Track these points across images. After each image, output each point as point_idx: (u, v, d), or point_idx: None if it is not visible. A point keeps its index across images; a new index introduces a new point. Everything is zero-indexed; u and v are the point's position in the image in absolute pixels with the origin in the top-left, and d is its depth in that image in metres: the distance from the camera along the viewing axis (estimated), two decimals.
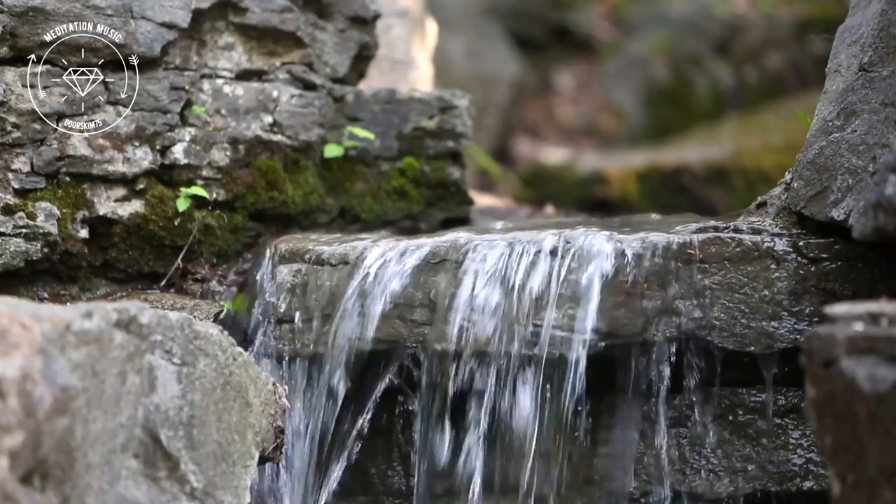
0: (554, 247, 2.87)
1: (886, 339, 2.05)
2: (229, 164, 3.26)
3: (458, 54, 7.14)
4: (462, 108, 3.50)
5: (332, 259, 2.99)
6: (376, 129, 3.45)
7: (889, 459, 2.00)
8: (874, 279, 2.82)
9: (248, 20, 3.30)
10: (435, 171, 3.48)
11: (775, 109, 6.74)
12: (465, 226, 3.40)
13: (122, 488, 2.30)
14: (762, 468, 2.84)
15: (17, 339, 2.05)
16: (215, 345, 2.49)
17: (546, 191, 6.22)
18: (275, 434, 2.59)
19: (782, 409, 2.86)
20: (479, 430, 2.86)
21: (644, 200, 6.10)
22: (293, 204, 3.33)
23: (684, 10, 8.15)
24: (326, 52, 3.43)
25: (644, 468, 2.87)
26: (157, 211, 3.18)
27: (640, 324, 2.83)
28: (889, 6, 2.86)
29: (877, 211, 2.43)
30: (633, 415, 2.87)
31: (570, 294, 2.83)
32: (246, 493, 2.50)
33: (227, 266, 3.27)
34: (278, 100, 3.33)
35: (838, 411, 2.07)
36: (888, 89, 2.81)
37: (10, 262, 3.00)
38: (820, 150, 2.90)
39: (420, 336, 2.89)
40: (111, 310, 2.29)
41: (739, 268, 2.84)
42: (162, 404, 2.38)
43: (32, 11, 3.03)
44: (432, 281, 2.90)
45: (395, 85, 3.93)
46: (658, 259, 2.84)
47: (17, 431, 2.01)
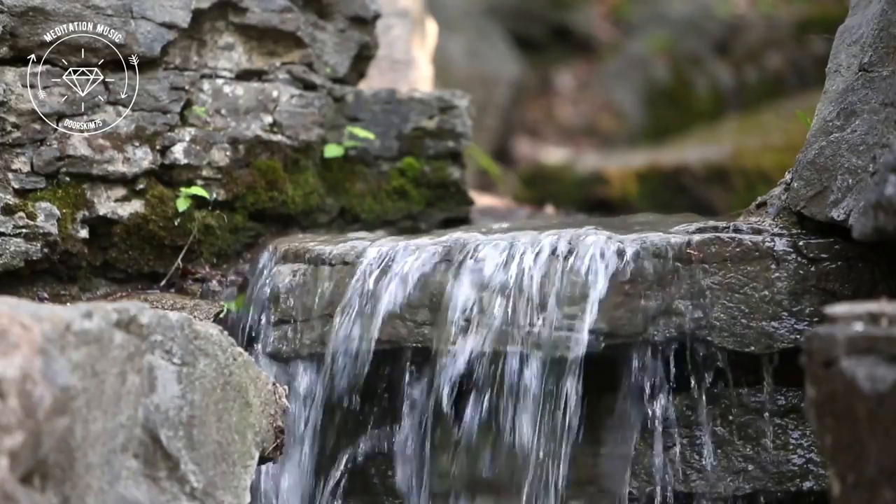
0: (554, 247, 2.87)
1: (886, 339, 2.05)
2: (229, 164, 3.26)
3: (458, 54, 7.14)
4: (462, 108, 3.50)
5: (332, 259, 2.99)
6: (376, 129, 3.45)
7: (889, 459, 2.00)
8: (874, 279, 2.82)
9: (248, 20, 3.30)
10: (435, 171, 3.48)
11: (775, 109, 6.74)
12: (465, 226, 3.40)
13: (122, 488, 2.30)
14: (762, 468, 2.84)
15: (17, 339, 2.05)
16: (215, 345, 2.49)
17: (546, 191, 6.22)
18: (275, 434, 2.59)
19: (782, 409, 2.86)
20: (479, 429, 2.86)
21: (644, 200, 6.10)
22: (293, 204, 3.33)
23: (684, 10, 8.15)
24: (326, 52, 3.43)
25: (644, 468, 2.87)
26: (157, 211, 3.18)
27: (639, 324, 2.83)
28: (889, 6, 2.86)
29: (877, 211, 2.43)
30: (632, 415, 2.87)
31: (569, 294, 2.83)
32: (246, 493, 2.50)
33: (227, 266, 3.27)
34: (278, 100, 3.33)
35: (838, 411, 2.07)
36: (888, 89, 2.81)
37: (10, 262, 3.00)
38: (820, 150, 2.90)
39: (421, 336, 2.89)
40: (111, 310, 2.29)
41: (739, 268, 2.84)
42: (162, 404, 2.38)
43: (32, 11, 3.03)
44: (433, 281, 2.90)
45: (395, 85, 3.93)
46: (658, 259, 2.84)
47: (17, 431, 2.00)
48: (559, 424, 2.83)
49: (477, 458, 2.87)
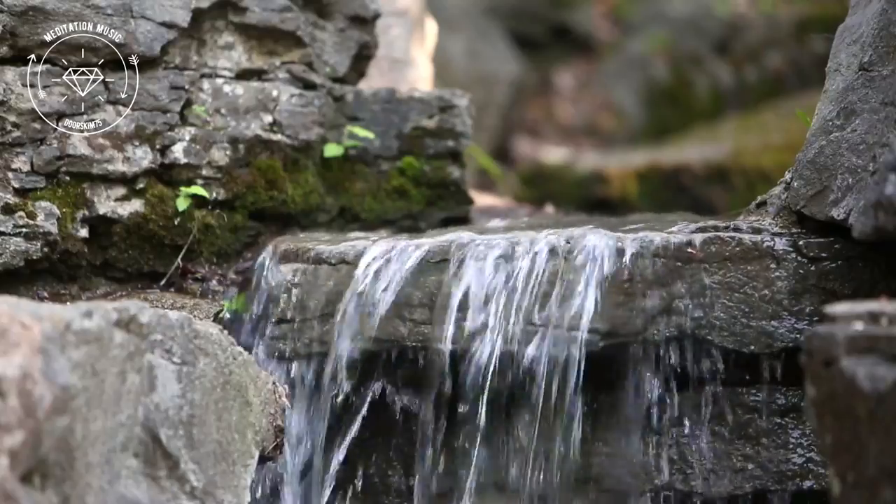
0: (554, 246, 2.87)
1: (886, 338, 2.05)
2: (229, 163, 3.26)
3: (458, 54, 7.14)
4: (462, 107, 3.50)
5: (332, 258, 3.00)
6: (376, 129, 3.45)
7: (889, 459, 2.00)
8: (874, 278, 2.82)
9: (248, 20, 3.30)
10: (435, 171, 3.48)
11: (775, 109, 6.74)
12: (465, 225, 3.40)
13: (122, 487, 2.30)
14: (762, 467, 2.85)
15: (17, 338, 2.05)
16: (215, 344, 2.49)
17: (546, 190, 6.22)
18: (275, 433, 2.59)
19: (782, 408, 2.86)
20: (479, 429, 2.86)
21: (644, 200, 6.10)
22: (293, 203, 3.33)
23: (684, 9, 8.15)
24: (326, 52, 3.44)
25: (644, 467, 2.87)
26: (156, 210, 3.18)
27: (639, 323, 2.83)
28: (889, 5, 2.86)
29: (877, 210, 2.43)
30: (632, 414, 2.87)
31: (569, 293, 2.83)
32: (246, 492, 2.50)
33: (227, 265, 3.27)
34: (278, 99, 3.33)
35: (838, 411, 2.07)
36: (888, 88, 2.81)
37: (10, 262, 3.00)
38: (820, 149, 2.90)
39: (420, 335, 2.89)
40: (111, 309, 2.29)
41: (739, 267, 2.84)
42: (162, 403, 2.38)
43: (32, 11, 3.03)
44: (432, 280, 2.90)
45: (395, 84, 3.93)
46: (658, 258, 2.84)
47: (17, 431, 2.01)
48: (559, 424, 2.83)
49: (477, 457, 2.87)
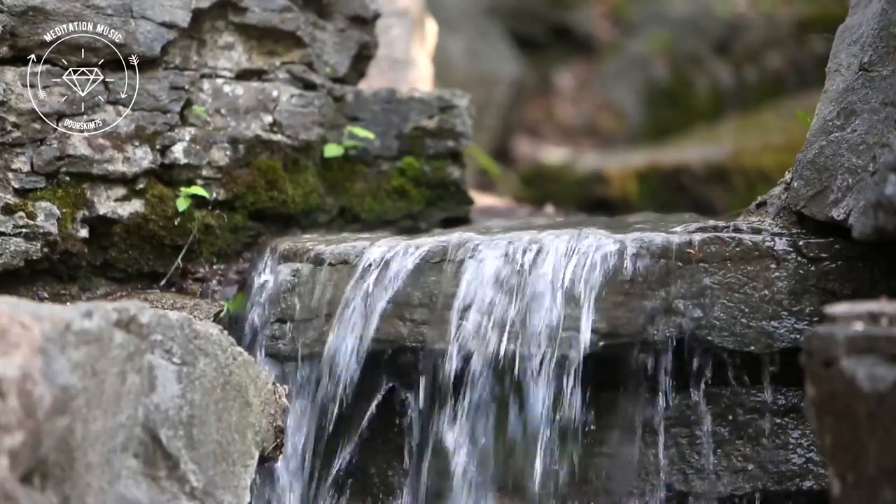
0: (554, 246, 2.87)
1: (886, 338, 2.05)
2: (229, 163, 3.26)
3: (458, 54, 7.14)
4: (462, 107, 3.50)
5: (332, 259, 3.00)
6: (376, 129, 3.45)
7: (889, 459, 2.00)
8: (874, 279, 2.82)
9: (248, 20, 3.30)
10: (435, 171, 3.48)
11: (775, 109, 6.74)
12: (465, 225, 3.40)
13: (122, 488, 2.30)
14: (762, 467, 2.85)
15: (17, 338, 2.05)
16: (215, 344, 2.49)
17: (546, 190, 6.23)
18: (275, 433, 2.59)
19: (782, 408, 2.86)
20: (479, 428, 2.86)
21: (644, 200, 6.10)
22: (293, 203, 3.33)
23: (684, 9, 8.15)
24: (326, 52, 3.44)
25: (644, 467, 2.87)
26: (156, 210, 3.18)
27: (640, 323, 2.83)
28: (889, 5, 2.86)
29: (877, 210, 2.43)
30: (633, 414, 2.87)
31: (569, 293, 2.83)
32: (246, 492, 2.50)
33: (226, 266, 3.27)
34: (278, 99, 3.33)
35: (838, 411, 2.07)
36: (888, 89, 2.81)
37: (10, 262, 3.00)
38: (820, 149, 2.90)
39: (420, 335, 2.89)
40: (111, 309, 2.29)
41: (739, 267, 2.84)
42: (162, 404, 2.38)
43: (32, 11, 3.03)
44: (432, 280, 2.90)
45: (395, 85, 3.93)
46: (658, 259, 2.84)
47: (17, 431, 2.01)
48: (560, 423, 2.83)
49: (477, 457, 2.87)
